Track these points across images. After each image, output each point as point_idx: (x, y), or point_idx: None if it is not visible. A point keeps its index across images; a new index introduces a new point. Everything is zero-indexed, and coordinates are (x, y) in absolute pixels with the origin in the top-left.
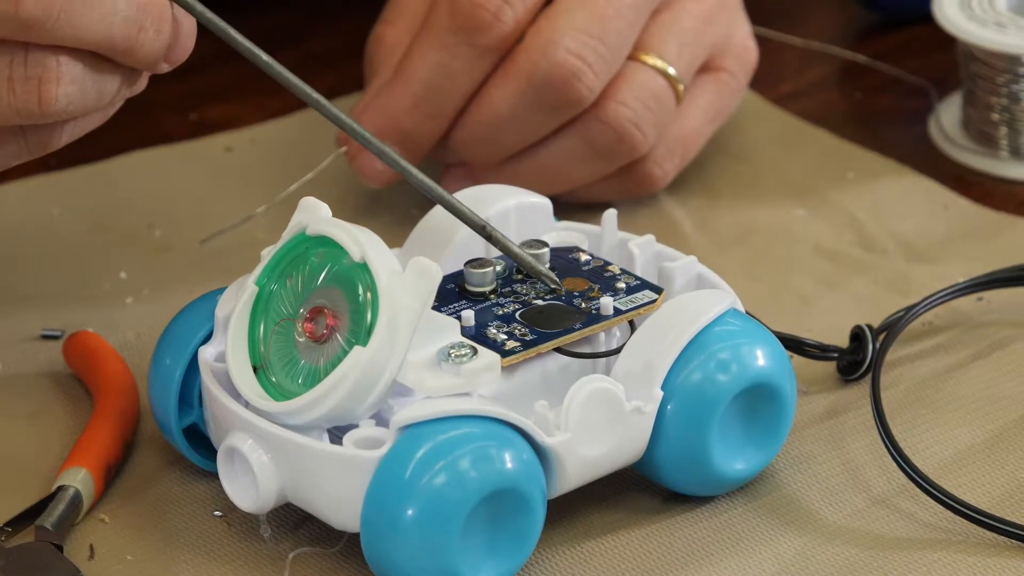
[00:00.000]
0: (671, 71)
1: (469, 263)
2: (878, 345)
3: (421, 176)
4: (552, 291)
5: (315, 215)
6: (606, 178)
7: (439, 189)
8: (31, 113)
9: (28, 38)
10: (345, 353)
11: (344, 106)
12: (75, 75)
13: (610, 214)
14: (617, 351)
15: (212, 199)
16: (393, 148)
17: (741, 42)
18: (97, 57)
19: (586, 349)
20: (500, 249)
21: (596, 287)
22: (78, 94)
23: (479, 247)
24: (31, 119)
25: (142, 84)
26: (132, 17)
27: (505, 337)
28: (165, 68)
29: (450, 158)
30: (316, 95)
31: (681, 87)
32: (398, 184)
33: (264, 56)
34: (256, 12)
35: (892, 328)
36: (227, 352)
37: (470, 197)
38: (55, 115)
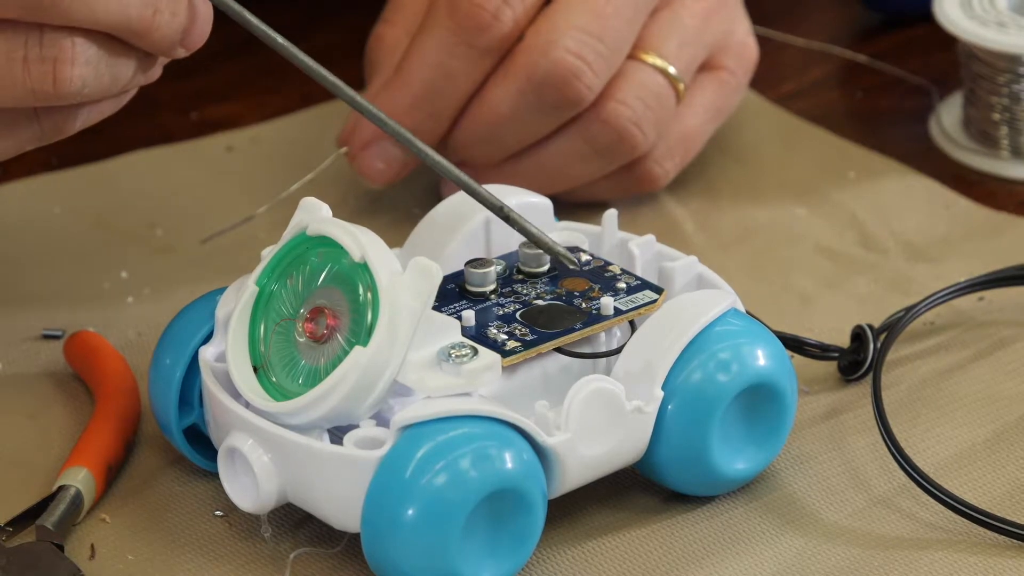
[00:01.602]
0: (671, 70)
1: (469, 263)
2: (879, 345)
3: (439, 158)
4: (552, 286)
5: (315, 215)
6: (607, 177)
7: (457, 171)
8: (46, 94)
9: (44, 19)
10: (345, 353)
11: (344, 105)
12: (90, 57)
13: (610, 214)
14: (617, 351)
15: (213, 198)
16: (400, 138)
17: (741, 40)
18: (113, 40)
19: (586, 349)
20: (518, 231)
21: (596, 287)
22: (93, 76)
23: (480, 247)
24: (46, 100)
25: (156, 72)
26: None
27: (505, 337)
28: (182, 53)
29: (450, 158)
30: (333, 78)
31: (681, 86)
32: (399, 184)
33: (280, 39)
34: (257, 11)
35: (893, 328)
36: (227, 352)
37: (470, 197)
38: (70, 96)
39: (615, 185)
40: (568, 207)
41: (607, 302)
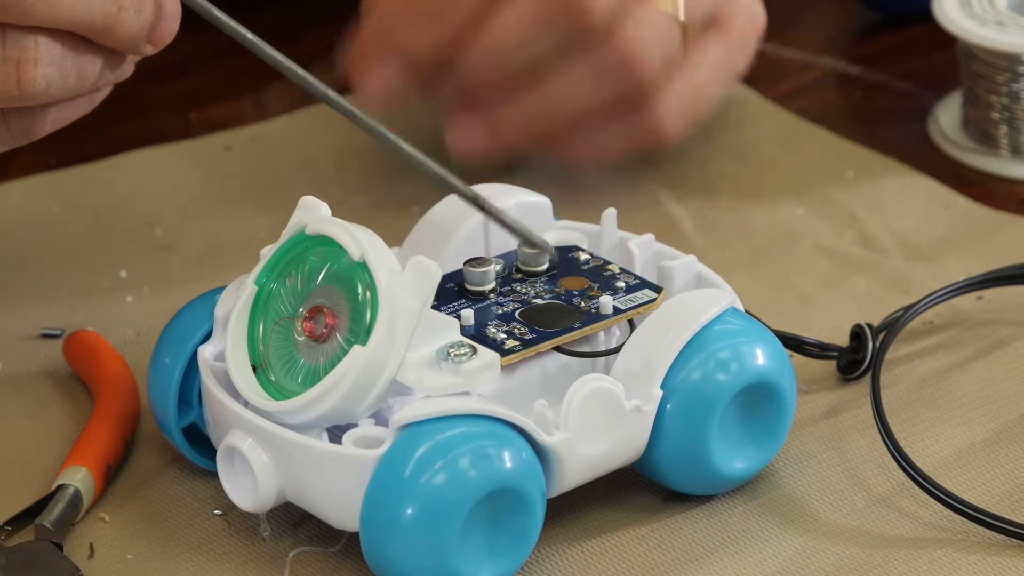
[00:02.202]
0: (680, 15)
1: (468, 262)
2: (878, 344)
3: (412, 150)
4: (551, 285)
5: (315, 214)
6: (614, 122)
7: (430, 162)
8: (10, 95)
9: (5, 19)
10: (344, 352)
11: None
12: (54, 56)
13: (609, 213)
14: (616, 350)
15: (212, 198)
16: (373, 132)
17: (748, 5)
18: (77, 38)
19: (585, 348)
20: (493, 220)
21: (595, 286)
22: (58, 76)
23: (479, 246)
24: (10, 101)
25: (128, 69)
26: None
27: (504, 336)
28: (149, 50)
29: (452, 92)
30: (288, 62)
31: (688, 29)
32: (398, 183)
33: (249, 34)
34: (253, 11)
35: (892, 327)
36: (226, 351)
37: None
38: (34, 97)
39: (623, 135)
40: (567, 206)
41: (606, 301)
